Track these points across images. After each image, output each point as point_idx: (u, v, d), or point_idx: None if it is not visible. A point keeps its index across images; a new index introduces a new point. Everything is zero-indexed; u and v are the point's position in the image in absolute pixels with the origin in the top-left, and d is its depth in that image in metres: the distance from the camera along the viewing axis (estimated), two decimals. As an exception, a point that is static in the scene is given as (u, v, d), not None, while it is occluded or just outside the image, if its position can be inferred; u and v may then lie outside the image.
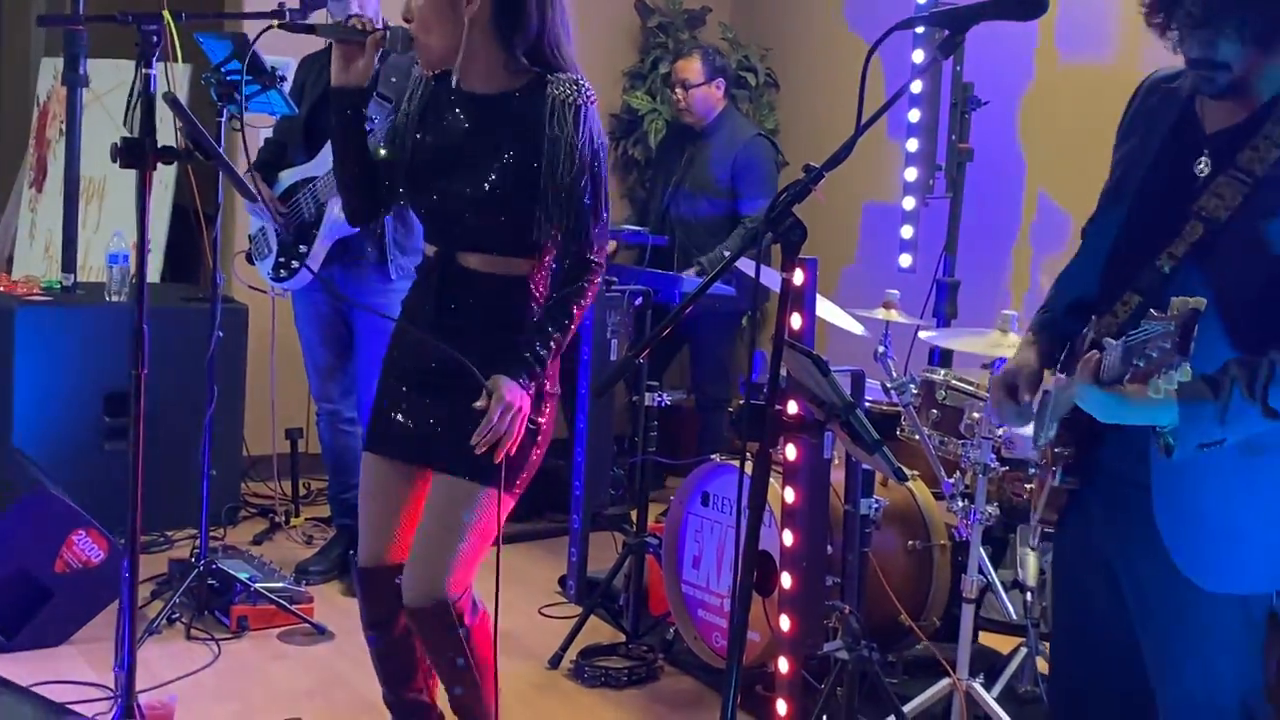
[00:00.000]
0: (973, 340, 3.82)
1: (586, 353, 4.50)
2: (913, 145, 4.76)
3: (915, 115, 4.74)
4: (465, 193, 2.76)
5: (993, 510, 3.51)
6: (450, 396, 2.79)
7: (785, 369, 2.29)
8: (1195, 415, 1.99)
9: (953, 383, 3.77)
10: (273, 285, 4.54)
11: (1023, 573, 3.87)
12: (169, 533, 4.86)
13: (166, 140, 2.80)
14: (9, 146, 7.28)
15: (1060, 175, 5.24)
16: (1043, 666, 3.77)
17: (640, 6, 6.65)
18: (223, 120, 3.95)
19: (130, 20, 2.84)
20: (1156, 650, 2.19)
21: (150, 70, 2.76)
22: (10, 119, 7.58)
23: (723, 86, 5.70)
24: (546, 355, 2.78)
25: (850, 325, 4.08)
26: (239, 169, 4.15)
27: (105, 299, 4.88)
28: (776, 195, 2.14)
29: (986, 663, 3.94)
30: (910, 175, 4.79)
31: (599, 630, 4.26)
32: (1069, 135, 5.18)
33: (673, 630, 4.09)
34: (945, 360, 4.49)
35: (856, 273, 6.03)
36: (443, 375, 2.80)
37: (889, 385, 3.72)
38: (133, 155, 2.73)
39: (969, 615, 3.49)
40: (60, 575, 3.88)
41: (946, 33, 2.13)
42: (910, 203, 4.83)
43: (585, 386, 4.54)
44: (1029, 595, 3.84)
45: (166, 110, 2.88)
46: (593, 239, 2.80)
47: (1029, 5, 2.07)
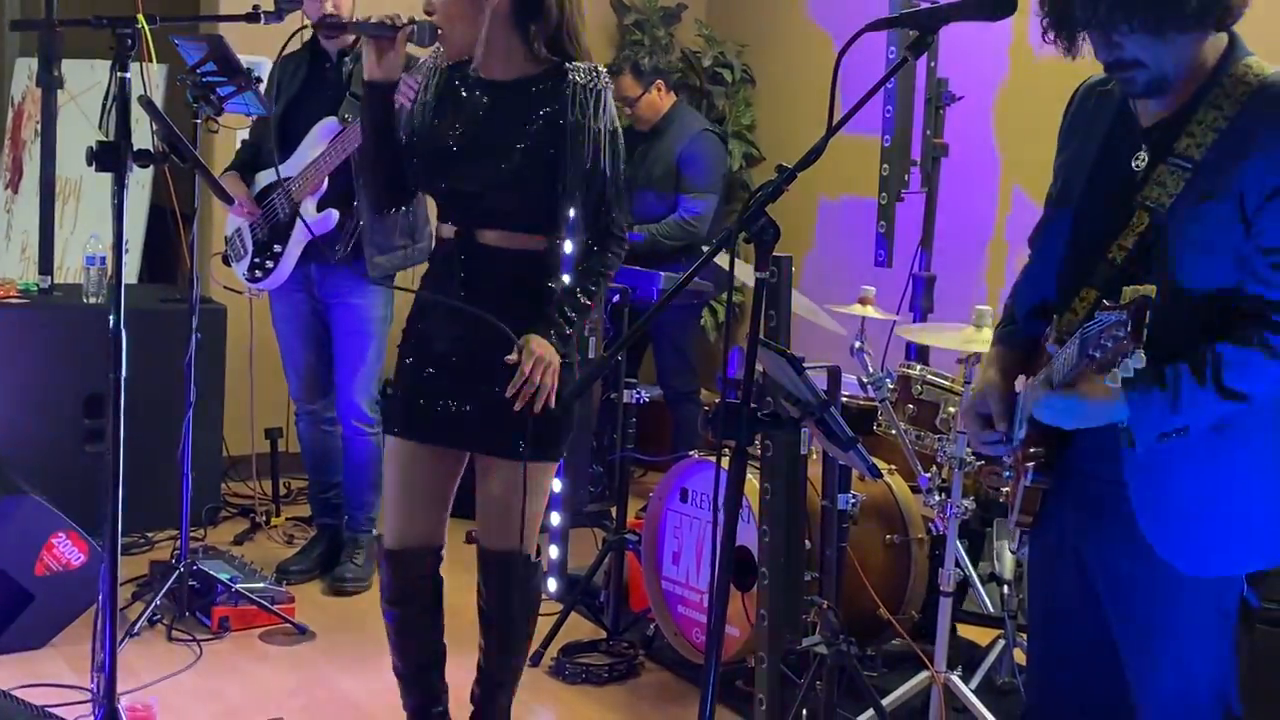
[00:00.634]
0: (948, 335, 3.84)
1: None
2: (887, 141, 4.77)
3: (890, 111, 4.75)
4: (486, 174, 2.88)
5: (969, 504, 3.54)
6: (489, 378, 2.89)
7: (760, 367, 2.31)
8: (1144, 405, 2.03)
9: (929, 378, 3.80)
10: (249, 286, 4.54)
11: (999, 566, 3.90)
12: (149, 534, 4.86)
13: (142, 143, 2.81)
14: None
15: (1035, 170, 5.23)
16: (1020, 658, 3.80)
17: (616, 4, 6.66)
18: (198, 122, 3.94)
19: (105, 24, 2.84)
20: (1133, 646, 2.20)
21: (125, 74, 2.76)
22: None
23: (663, 86, 5.72)
24: (576, 318, 2.92)
25: (827, 323, 4.10)
26: (215, 171, 4.14)
27: (83, 301, 4.87)
28: (750, 195, 2.16)
29: (965, 655, 3.97)
30: (885, 170, 4.80)
31: (579, 627, 4.27)
32: (1043, 130, 5.15)
33: (653, 626, 4.11)
34: (922, 355, 4.51)
35: (831, 267, 6.05)
36: (478, 356, 2.91)
37: (866, 380, 3.74)
38: (109, 159, 2.73)
39: (946, 608, 3.51)
40: (40, 578, 3.88)
41: (916, 33, 2.15)
42: (885, 198, 4.84)
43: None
44: (1006, 588, 3.87)
45: (142, 112, 2.89)
46: (615, 214, 2.97)
47: (998, 5, 2.09)
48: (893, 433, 3.77)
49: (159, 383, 4.47)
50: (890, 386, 3.72)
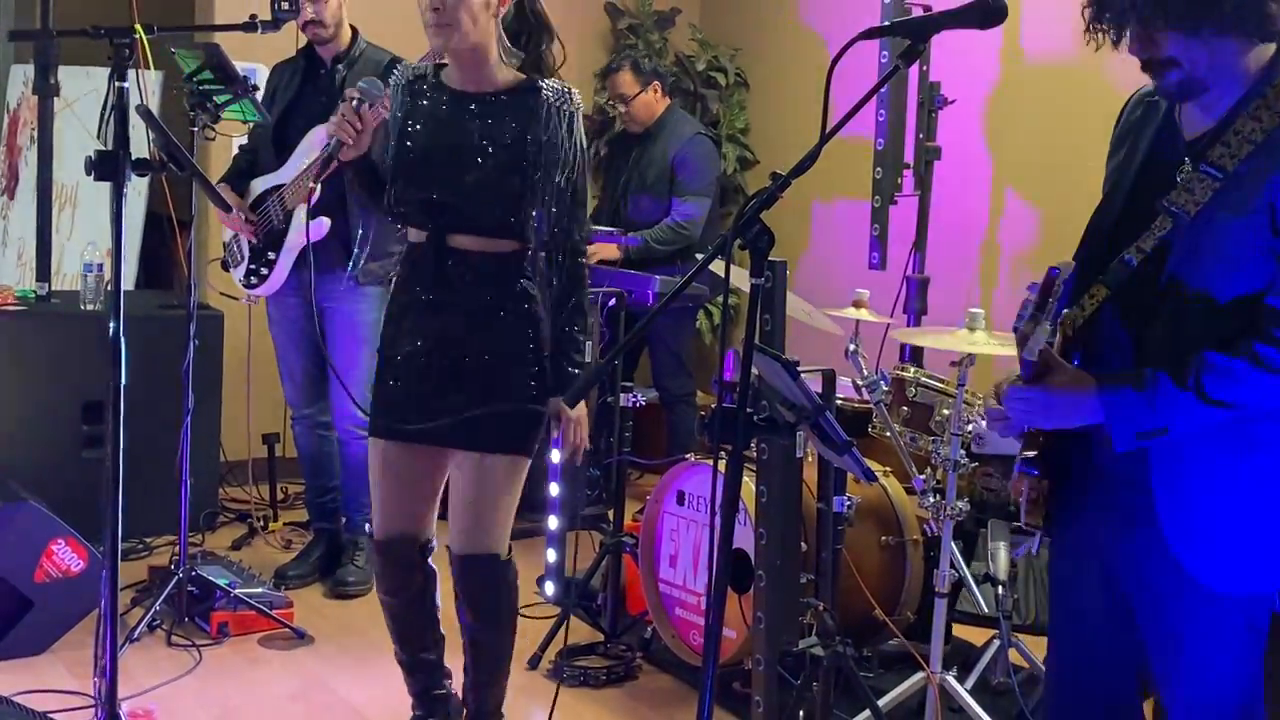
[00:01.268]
0: (942, 338, 3.86)
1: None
2: (880, 144, 4.79)
3: (882, 115, 4.77)
4: (459, 183, 2.97)
5: (963, 505, 3.55)
6: (465, 379, 3.02)
7: (756, 372, 2.33)
8: (1118, 403, 2.03)
9: (923, 380, 3.82)
10: (246, 292, 4.56)
11: (994, 566, 3.91)
12: (148, 540, 4.87)
13: (140, 151, 2.82)
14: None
15: (1026, 172, 5.29)
16: (1015, 658, 3.82)
17: (610, 8, 6.68)
18: (195, 130, 3.96)
19: (102, 35, 2.86)
20: (1161, 654, 2.19)
21: (123, 84, 2.78)
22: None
23: (659, 88, 5.72)
24: (580, 358, 3.07)
25: (822, 324, 4.12)
26: (212, 179, 4.15)
27: (81, 307, 4.88)
28: (745, 202, 2.17)
29: (960, 656, 3.99)
30: (878, 174, 4.82)
31: (577, 630, 4.29)
32: (1035, 133, 5.24)
33: (650, 629, 4.12)
34: (916, 357, 4.53)
35: (825, 270, 6.07)
36: (449, 358, 3.01)
37: (860, 383, 3.76)
38: (107, 168, 2.75)
39: (941, 609, 3.53)
40: (40, 585, 3.89)
41: (908, 42, 2.17)
42: (879, 201, 4.86)
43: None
44: (1000, 589, 3.88)
45: (140, 120, 2.91)
46: (583, 232, 3.08)
47: (988, 14, 2.11)
48: (887, 435, 3.78)
49: (157, 389, 4.48)
50: (885, 389, 3.74)
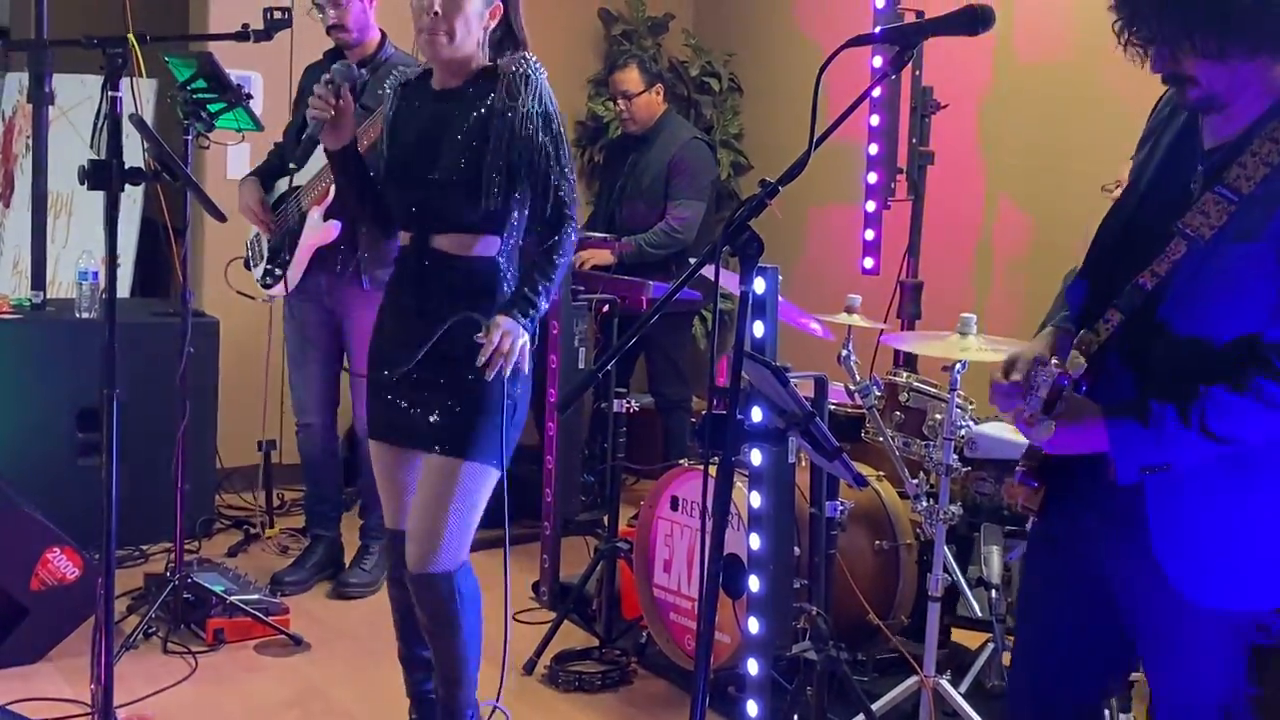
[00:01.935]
0: (933, 344, 3.87)
1: (554, 360, 4.54)
2: (874, 149, 4.81)
3: (875, 120, 4.79)
4: (438, 179, 3.00)
5: (957, 510, 3.57)
6: (433, 383, 3.05)
7: (746, 379, 2.34)
8: (1123, 437, 2.03)
9: (916, 385, 3.83)
10: (264, 293, 4.57)
11: (987, 570, 3.93)
12: (144, 547, 4.88)
13: (134, 160, 2.83)
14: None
15: (1020, 176, 5.30)
16: (1009, 661, 3.83)
17: (604, 14, 6.69)
18: (189, 138, 3.97)
19: (95, 44, 2.87)
20: (1152, 657, 2.21)
21: (116, 93, 2.79)
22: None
23: (661, 91, 5.74)
24: (536, 299, 2.99)
25: (816, 329, 4.13)
26: (206, 188, 4.16)
27: (76, 315, 4.89)
28: (734, 210, 2.18)
29: (954, 659, 4.00)
30: (871, 179, 4.83)
31: (572, 635, 4.30)
32: (1028, 137, 5.25)
33: (645, 634, 4.13)
34: (909, 362, 4.54)
35: (818, 275, 6.08)
36: (426, 366, 3.04)
37: (853, 388, 3.77)
38: (99, 177, 2.76)
39: (935, 613, 3.54)
40: (36, 593, 3.89)
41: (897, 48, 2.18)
42: (872, 206, 4.88)
43: (554, 394, 4.57)
44: (994, 592, 3.89)
45: (134, 129, 2.91)
46: (563, 195, 3.03)
47: (976, 21, 2.12)
48: (880, 439, 3.79)
49: (152, 396, 4.49)
50: (877, 394, 3.75)
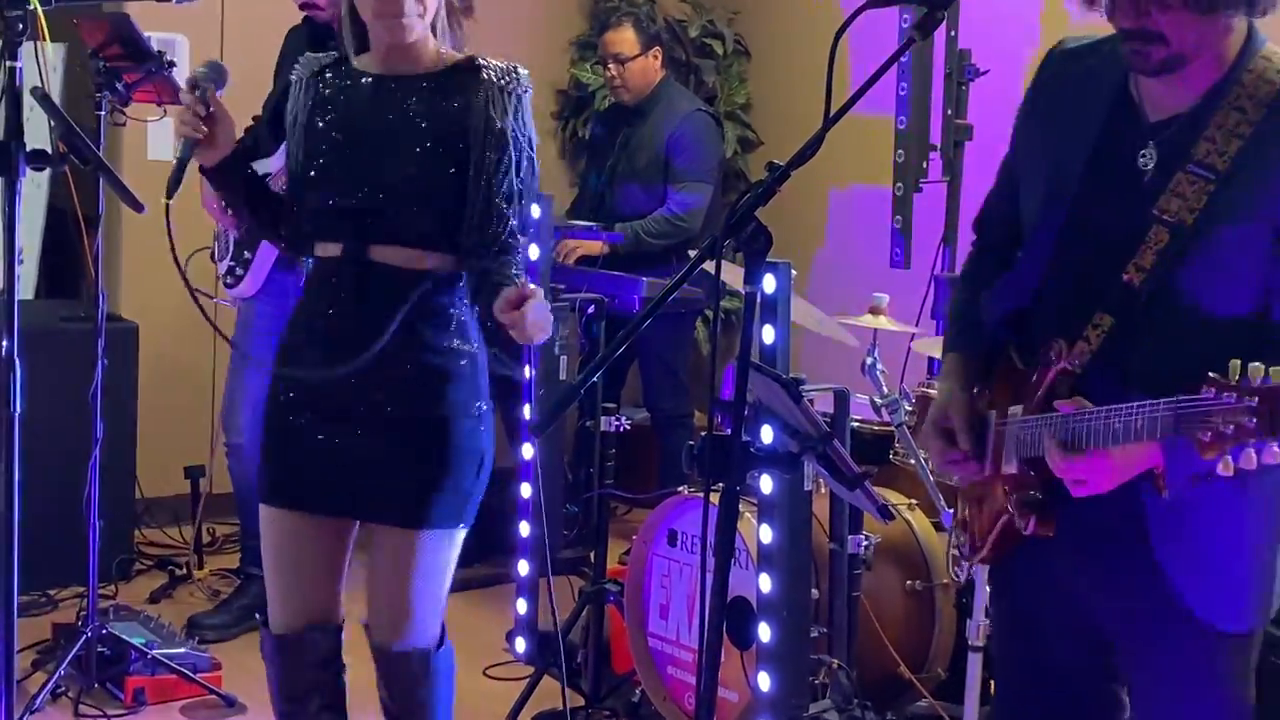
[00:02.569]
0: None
1: (531, 372, 4.53)
2: (902, 123, 4.80)
3: (904, 89, 4.79)
4: (384, 181, 2.86)
5: (1001, 544, 3.56)
6: (382, 432, 2.88)
7: (753, 394, 2.35)
8: (1177, 449, 2.07)
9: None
10: (227, 293, 4.58)
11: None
12: (51, 592, 4.87)
13: (38, 139, 2.83)
14: None
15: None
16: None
17: (590, -32, 6.71)
18: (102, 114, 3.97)
19: (-11, 6, 2.86)
20: (1151, 688, 2.29)
21: (16, 63, 2.79)
22: None
23: (660, 55, 5.75)
24: (512, 270, 2.88)
25: (835, 334, 4.14)
26: (123, 171, 4.16)
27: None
28: (738, 199, 2.19)
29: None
30: (900, 157, 4.83)
31: (553, 693, 4.29)
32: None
33: (639, 691, 4.13)
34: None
35: (839, 270, 6.09)
36: (371, 407, 2.87)
37: (879, 402, 3.78)
38: (-2, 161, 2.76)
39: (976, 665, 3.54)
40: (-76, 646, 3.89)
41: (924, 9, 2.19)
42: (901, 189, 4.88)
43: (531, 411, 4.57)
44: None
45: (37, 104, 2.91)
46: (514, 227, 2.92)
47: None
48: (911, 462, 3.80)
49: (61, 415, 4.48)
50: (908, 409, 3.76)
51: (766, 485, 3.36)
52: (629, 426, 4.39)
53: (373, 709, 3.10)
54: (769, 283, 3.36)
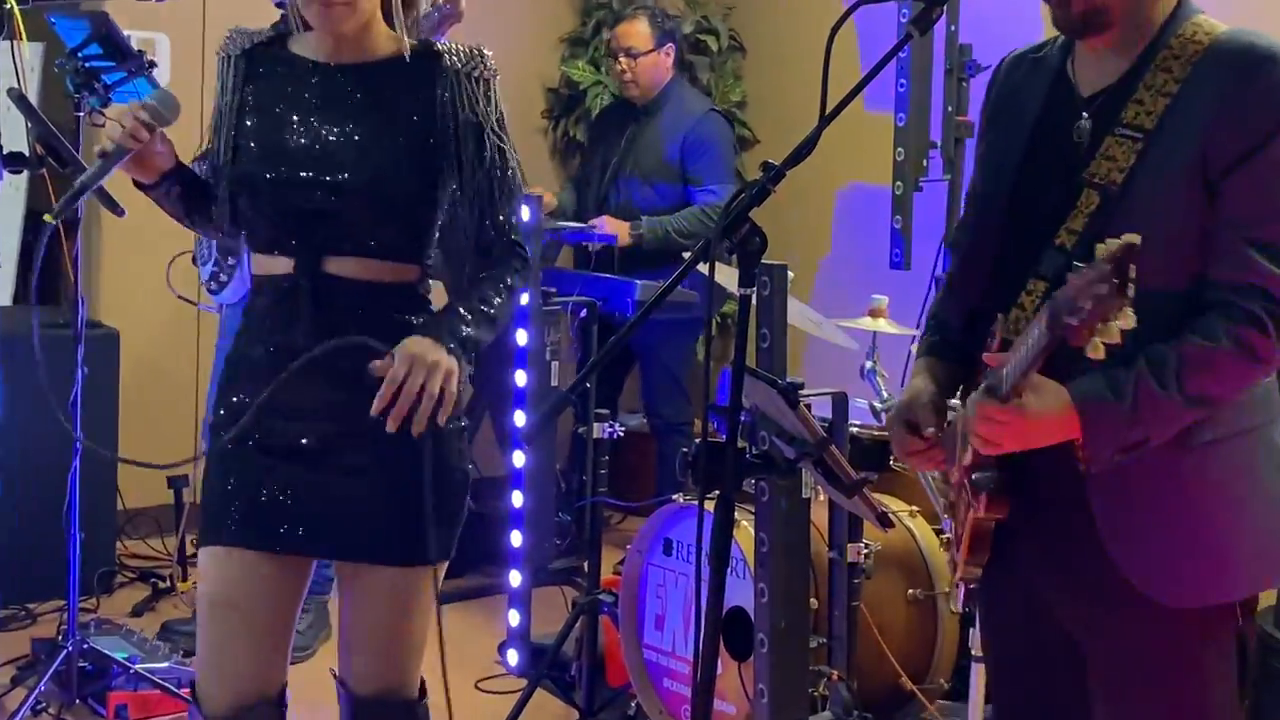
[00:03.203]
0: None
1: (522, 377, 4.55)
2: (901, 120, 4.81)
3: (903, 85, 4.80)
4: (340, 183, 2.61)
5: (1004, 551, 3.58)
6: (351, 457, 2.65)
7: (748, 399, 2.36)
8: (1098, 419, 2.12)
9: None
10: (211, 298, 4.58)
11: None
12: (30, 606, 4.87)
13: (15, 142, 2.86)
14: None
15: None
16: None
17: (579, -39, 6.72)
18: (81, 115, 3.98)
19: (-37, 4, 2.89)
20: (1109, 673, 2.28)
21: (-8, 64, 2.82)
22: None
23: (672, 53, 5.75)
24: (473, 318, 2.63)
25: (833, 336, 4.15)
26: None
27: (-54, 328, 4.89)
28: (730, 199, 2.21)
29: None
30: (899, 155, 4.84)
31: (547, 706, 4.31)
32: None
33: (634, 704, 4.14)
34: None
35: (838, 271, 6.10)
36: (333, 426, 2.64)
37: (879, 407, 3.79)
38: (-27, 165, 2.78)
39: (979, 675, 3.55)
40: (-99, 662, 3.91)
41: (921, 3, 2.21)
42: (900, 188, 4.89)
43: (523, 417, 4.58)
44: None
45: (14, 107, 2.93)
46: (515, 224, 2.75)
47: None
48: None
49: (40, 425, 4.44)
50: (908, 413, 3.77)
51: (763, 493, 3.37)
52: (623, 433, 4.40)
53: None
54: (764, 285, 3.37)
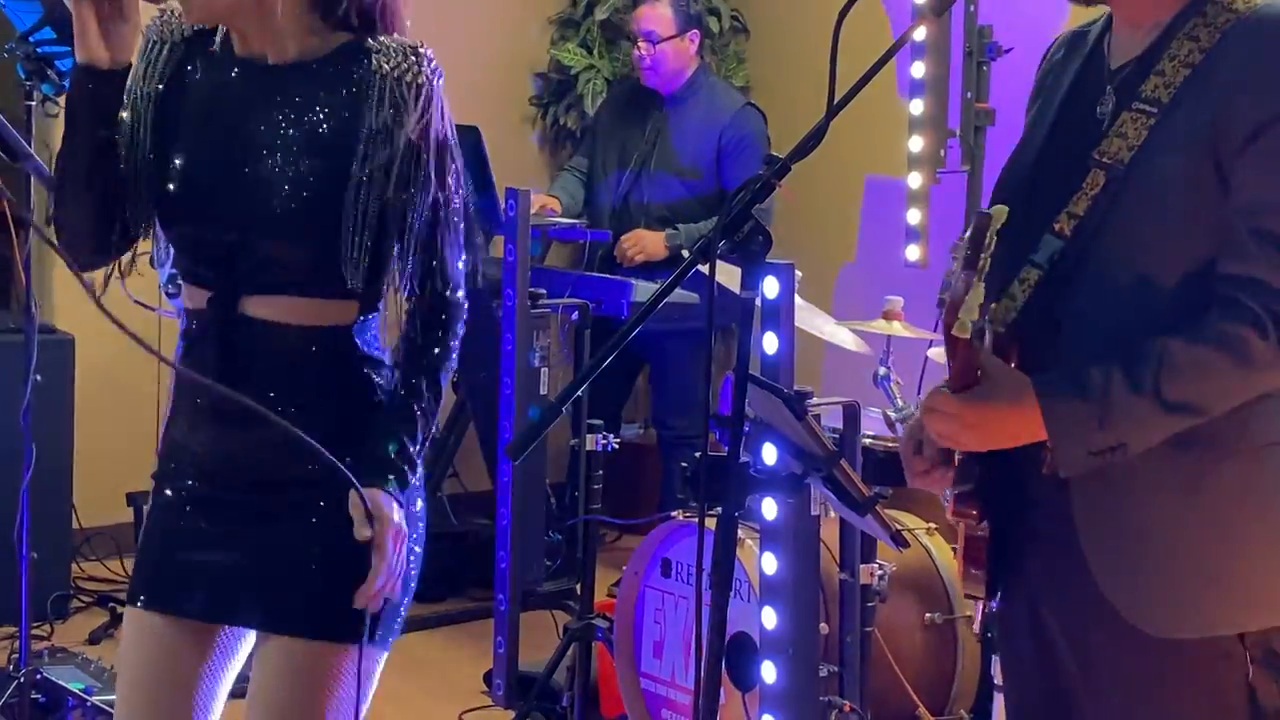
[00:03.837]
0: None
1: (509, 388, 4.53)
2: (917, 107, 4.80)
3: (920, 69, 4.79)
4: (254, 208, 2.38)
5: (1029, 572, 3.57)
6: (272, 517, 2.45)
7: (752, 410, 2.34)
8: (1063, 418, 2.07)
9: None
10: (169, 302, 4.56)
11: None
12: (-20, 633, 4.87)
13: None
14: None
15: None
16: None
17: (574, -58, 6.71)
18: (32, 104, 3.97)
19: (-95, -13, 2.87)
20: (1096, 700, 2.24)
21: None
22: None
23: (697, 40, 5.73)
24: (416, 450, 2.44)
25: (845, 341, 4.14)
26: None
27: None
28: (731, 195, 2.19)
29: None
30: (915, 145, 4.83)
31: (537, 740, 4.30)
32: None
33: (630, 737, 4.14)
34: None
35: (851, 270, 6.09)
36: (257, 485, 2.46)
37: (894, 416, 3.78)
38: (-84, 159, 2.76)
39: (1003, 705, 3.54)
40: None
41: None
42: (917, 179, 4.87)
43: (509, 432, 4.57)
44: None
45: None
46: (452, 272, 2.47)
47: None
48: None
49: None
50: (925, 424, 3.75)
51: (769, 510, 3.36)
52: (618, 445, 4.38)
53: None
54: (770, 286, 3.35)
